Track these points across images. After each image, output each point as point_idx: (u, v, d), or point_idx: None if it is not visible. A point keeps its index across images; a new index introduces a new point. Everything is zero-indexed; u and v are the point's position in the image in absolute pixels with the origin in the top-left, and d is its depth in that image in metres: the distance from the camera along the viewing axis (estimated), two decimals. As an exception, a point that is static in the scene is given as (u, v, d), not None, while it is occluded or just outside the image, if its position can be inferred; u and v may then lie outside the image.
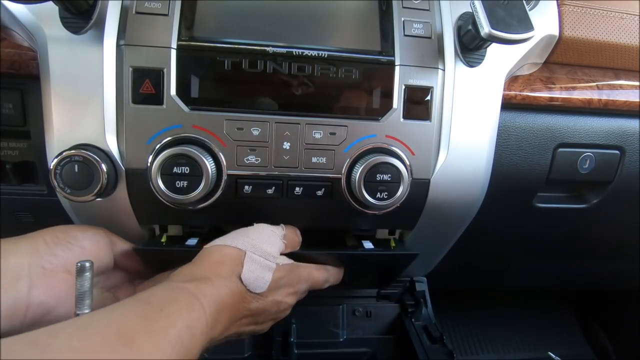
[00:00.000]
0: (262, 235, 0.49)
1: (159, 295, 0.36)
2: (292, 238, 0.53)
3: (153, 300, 0.34)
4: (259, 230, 0.50)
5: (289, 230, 0.53)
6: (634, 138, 0.64)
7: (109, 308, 0.34)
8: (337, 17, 0.53)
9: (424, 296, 0.76)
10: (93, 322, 0.31)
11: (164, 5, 0.47)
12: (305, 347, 0.72)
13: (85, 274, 0.39)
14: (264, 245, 0.47)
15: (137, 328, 0.31)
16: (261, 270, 0.46)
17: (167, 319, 0.33)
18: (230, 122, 0.49)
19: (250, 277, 0.44)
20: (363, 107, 0.51)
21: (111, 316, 0.32)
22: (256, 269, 0.45)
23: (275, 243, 0.50)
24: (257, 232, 0.49)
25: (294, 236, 0.53)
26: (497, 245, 0.80)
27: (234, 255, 0.45)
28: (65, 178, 0.46)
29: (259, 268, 0.46)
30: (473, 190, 0.57)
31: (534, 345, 1.12)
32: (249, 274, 0.44)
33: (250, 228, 0.51)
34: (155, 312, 0.33)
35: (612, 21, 0.61)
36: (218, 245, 0.46)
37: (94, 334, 0.29)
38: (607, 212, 0.71)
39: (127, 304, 0.35)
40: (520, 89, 0.58)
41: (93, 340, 0.29)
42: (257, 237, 0.48)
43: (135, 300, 0.35)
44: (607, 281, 1.03)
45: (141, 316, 0.32)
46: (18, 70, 0.50)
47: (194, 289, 0.38)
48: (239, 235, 0.48)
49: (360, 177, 0.50)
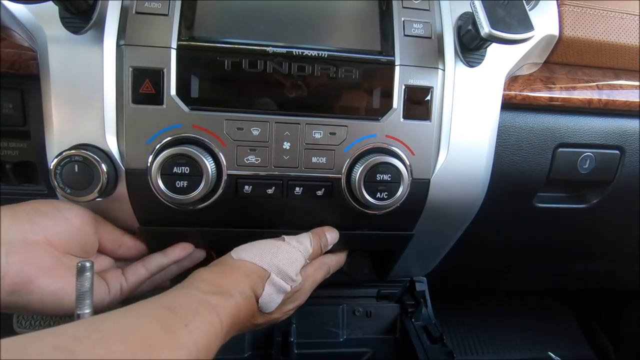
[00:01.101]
0: (289, 257, 0.49)
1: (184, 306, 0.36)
2: (316, 250, 0.53)
3: (179, 312, 0.35)
4: (286, 251, 0.50)
5: (316, 242, 0.54)
6: (634, 138, 0.64)
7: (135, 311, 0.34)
8: (337, 17, 0.53)
9: (424, 296, 0.76)
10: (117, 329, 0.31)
11: (164, 5, 0.47)
12: (305, 347, 0.72)
13: (85, 274, 0.39)
14: (287, 269, 0.48)
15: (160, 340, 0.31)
16: (277, 294, 0.48)
17: (189, 335, 0.34)
18: (230, 122, 0.49)
19: (267, 299, 0.46)
20: (363, 107, 0.51)
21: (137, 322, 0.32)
22: (273, 293, 0.47)
23: (299, 263, 0.50)
24: (284, 252, 0.49)
25: (317, 248, 0.54)
26: (497, 245, 0.80)
27: (258, 273, 0.46)
28: (65, 178, 0.46)
29: (276, 292, 0.47)
30: (473, 190, 0.57)
31: (534, 345, 1.12)
32: (267, 297, 0.46)
33: (281, 244, 0.51)
34: (179, 326, 0.33)
35: (612, 21, 0.61)
36: (244, 261, 0.47)
37: (118, 343, 0.29)
38: (607, 212, 0.71)
39: (152, 309, 0.35)
40: (520, 89, 0.58)
41: (117, 349, 0.29)
42: (283, 259, 0.48)
43: (160, 306, 0.35)
44: (607, 281, 1.03)
45: (166, 328, 0.32)
46: (18, 70, 0.50)
47: (215, 303, 0.39)
48: (267, 252, 0.48)
49: (360, 177, 0.50)
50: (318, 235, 0.55)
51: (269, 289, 0.46)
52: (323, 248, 0.55)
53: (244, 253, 0.48)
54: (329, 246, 0.56)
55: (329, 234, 0.56)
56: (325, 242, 0.55)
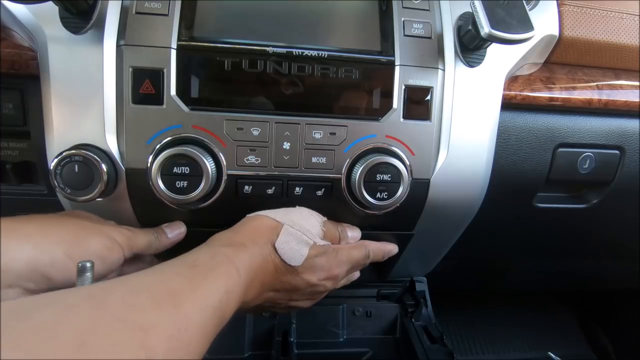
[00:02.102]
0: (302, 215, 0.50)
1: (203, 260, 0.38)
2: (331, 231, 0.53)
3: (199, 264, 0.37)
4: (299, 210, 0.51)
5: (330, 223, 0.53)
6: (634, 138, 0.64)
7: (159, 269, 0.36)
8: (337, 17, 0.53)
9: (424, 296, 0.76)
10: (144, 282, 0.33)
11: (164, 5, 0.47)
12: (305, 347, 0.72)
13: (85, 274, 0.39)
14: (302, 222, 0.48)
15: (184, 290, 0.33)
16: (297, 244, 0.47)
17: (210, 285, 0.36)
18: (230, 122, 0.49)
19: (285, 247, 0.46)
20: (363, 107, 0.51)
21: (162, 277, 0.35)
22: (291, 241, 0.46)
23: (315, 225, 0.50)
24: (297, 212, 0.51)
25: (333, 230, 0.53)
26: (497, 245, 0.80)
27: (271, 225, 0.47)
28: (66, 178, 0.46)
29: (295, 240, 0.47)
30: (473, 190, 0.57)
31: (534, 345, 1.12)
32: (284, 244, 0.46)
33: (291, 208, 0.52)
34: (199, 279, 0.35)
35: (612, 21, 0.61)
36: (257, 215, 0.48)
37: (145, 293, 0.32)
38: (607, 212, 0.71)
39: (175, 266, 0.37)
40: (520, 89, 0.58)
41: (144, 298, 0.31)
42: (297, 215, 0.49)
43: (182, 263, 0.38)
44: (607, 281, 1.03)
45: (188, 279, 0.35)
46: (18, 70, 0.50)
47: (231, 254, 0.40)
48: (280, 211, 0.50)
49: (360, 177, 0.50)
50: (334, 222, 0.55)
51: (284, 236, 0.46)
52: (341, 233, 0.54)
53: (258, 212, 0.50)
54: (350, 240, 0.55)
55: (349, 230, 0.56)
56: (343, 232, 0.55)
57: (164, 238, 0.51)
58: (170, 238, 0.51)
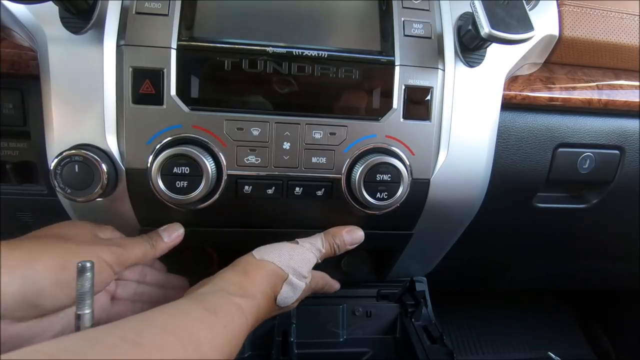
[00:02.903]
0: (303, 258, 0.53)
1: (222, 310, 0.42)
2: (328, 252, 0.55)
3: (218, 314, 0.41)
4: (301, 253, 0.53)
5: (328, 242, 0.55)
6: (634, 138, 0.64)
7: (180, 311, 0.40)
8: (337, 17, 0.53)
9: (424, 296, 0.76)
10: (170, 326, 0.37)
11: (164, 5, 0.47)
12: (305, 347, 0.72)
13: (86, 274, 0.39)
14: (301, 269, 0.52)
15: (206, 337, 0.38)
16: (292, 292, 0.51)
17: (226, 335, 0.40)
18: (230, 122, 0.49)
19: (283, 298, 0.50)
20: (363, 107, 0.51)
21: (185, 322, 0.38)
22: (290, 292, 0.51)
23: (311, 263, 0.54)
24: (299, 254, 0.53)
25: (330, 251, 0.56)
26: (497, 245, 0.81)
27: (277, 274, 0.50)
28: (66, 178, 0.46)
29: (292, 291, 0.51)
30: (473, 190, 0.57)
31: (534, 345, 1.12)
32: (284, 295, 0.50)
33: (296, 247, 0.53)
34: (220, 327, 0.40)
35: (612, 21, 0.61)
36: (265, 262, 0.50)
37: (173, 337, 0.35)
38: (607, 212, 0.71)
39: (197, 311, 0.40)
40: (520, 89, 0.58)
41: (172, 342, 0.35)
42: (298, 260, 0.52)
43: (204, 309, 0.41)
44: (607, 281, 1.03)
45: (208, 327, 0.39)
46: (18, 70, 0.50)
47: (243, 305, 0.44)
48: (285, 254, 0.52)
49: (360, 177, 0.50)
50: (331, 235, 0.56)
51: (286, 288, 0.50)
52: (337, 248, 0.56)
53: (265, 254, 0.51)
54: (348, 246, 0.57)
55: (347, 235, 0.56)
56: (341, 241, 0.56)
57: (160, 244, 0.50)
58: (167, 242, 0.51)
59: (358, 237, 0.57)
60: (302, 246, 0.54)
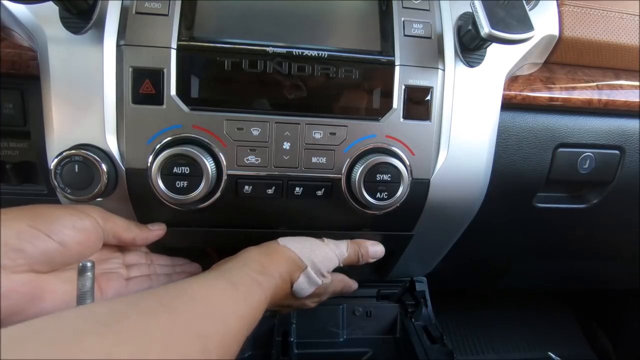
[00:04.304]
0: (325, 256, 0.55)
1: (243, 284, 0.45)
2: (352, 258, 0.58)
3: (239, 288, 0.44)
4: (323, 250, 0.55)
5: (353, 249, 0.58)
6: (634, 138, 0.64)
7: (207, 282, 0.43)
8: (337, 17, 0.53)
9: (424, 296, 0.76)
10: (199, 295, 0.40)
11: (164, 5, 0.47)
12: (305, 347, 0.72)
13: (86, 274, 0.39)
14: (321, 266, 0.54)
15: (228, 307, 0.41)
16: (309, 285, 0.54)
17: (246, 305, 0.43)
18: (230, 122, 0.49)
19: (299, 287, 0.53)
20: (363, 107, 0.51)
21: (212, 292, 0.41)
22: (305, 283, 0.54)
23: (332, 264, 0.56)
24: (321, 251, 0.55)
25: (353, 256, 0.58)
26: (497, 245, 0.80)
27: (296, 262, 0.53)
28: (66, 178, 0.46)
29: (308, 283, 0.54)
30: (473, 190, 0.57)
31: (534, 345, 1.12)
32: (300, 284, 0.53)
33: (320, 244, 0.56)
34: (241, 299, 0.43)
35: (612, 21, 0.61)
36: (287, 249, 0.53)
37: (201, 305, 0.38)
38: (607, 212, 0.71)
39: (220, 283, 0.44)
40: (520, 89, 0.58)
41: (200, 309, 0.38)
42: (319, 256, 0.54)
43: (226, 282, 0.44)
44: (607, 281, 1.03)
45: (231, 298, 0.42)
46: (18, 70, 0.50)
47: (263, 282, 0.47)
48: (307, 247, 0.54)
49: (360, 177, 0.50)
50: (357, 244, 0.58)
51: (303, 278, 0.53)
52: (361, 258, 0.58)
53: (288, 242, 0.54)
54: (370, 259, 0.59)
55: (371, 247, 0.59)
56: (365, 252, 0.58)
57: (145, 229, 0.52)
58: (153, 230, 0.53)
59: (380, 251, 0.60)
60: (326, 244, 0.56)
